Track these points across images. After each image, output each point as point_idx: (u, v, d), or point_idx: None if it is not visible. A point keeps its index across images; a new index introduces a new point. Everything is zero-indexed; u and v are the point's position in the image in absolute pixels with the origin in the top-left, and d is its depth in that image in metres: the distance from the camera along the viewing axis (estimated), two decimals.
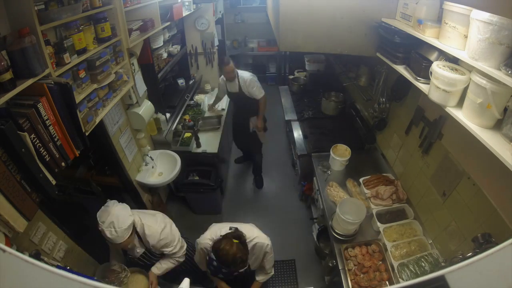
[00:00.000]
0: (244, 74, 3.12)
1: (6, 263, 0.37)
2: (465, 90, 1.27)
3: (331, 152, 2.65)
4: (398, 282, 1.75)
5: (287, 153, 4.22)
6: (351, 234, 2.02)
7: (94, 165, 2.61)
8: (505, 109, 1.13)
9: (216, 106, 3.75)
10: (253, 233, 1.70)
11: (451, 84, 1.29)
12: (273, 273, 1.92)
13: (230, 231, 1.60)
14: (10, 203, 1.19)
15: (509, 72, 0.99)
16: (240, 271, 1.49)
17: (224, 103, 3.83)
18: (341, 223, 1.96)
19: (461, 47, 1.29)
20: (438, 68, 1.34)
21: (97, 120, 1.77)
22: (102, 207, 1.64)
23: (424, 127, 2.02)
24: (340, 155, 2.63)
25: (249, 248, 1.59)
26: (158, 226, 1.75)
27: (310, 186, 3.17)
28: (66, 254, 1.77)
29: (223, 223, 1.76)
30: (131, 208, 1.71)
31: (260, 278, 1.87)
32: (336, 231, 2.04)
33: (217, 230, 1.67)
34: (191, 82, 4.09)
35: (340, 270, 1.90)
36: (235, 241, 1.46)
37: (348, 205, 2.01)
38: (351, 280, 1.83)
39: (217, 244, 1.47)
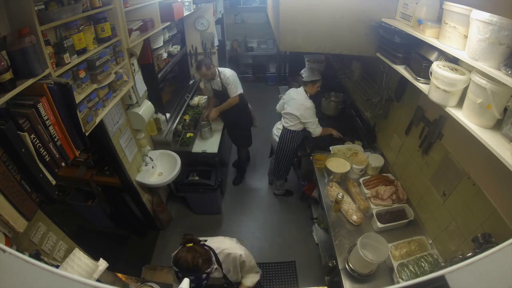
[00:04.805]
0: (226, 71, 3.14)
1: (6, 263, 0.37)
2: (465, 90, 1.27)
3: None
4: (398, 282, 1.75)
5: None
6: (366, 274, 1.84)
7: (94, 165, 2.61)
8: (505, 109, 1.13)
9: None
10: (223, 244, 1.65)
11: (451, 84, 1.29)
12: (260, 272, 1.84)
13: (190, 235, 1.51)
14: (10, 203, 1.19)
15: (509, 72, 0.99)
16: (207, 271, 1.42)
17: None
18: (359, 258, 1.76)
19: (461, 47, 1.29)
20: (438, 68, 1.34)
21: (97, 120, 1.77)
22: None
23: (424, 127, 2.02)
24: (358, 162, 2.58)
25: (221, 260, 1.57)
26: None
27: (310, 186, 3.17)
28: (66, 254, 1.77)
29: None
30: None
31: (247, 280, 1.78)
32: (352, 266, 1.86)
33: None
34: (191, 82, 4.10)
35: (340, 270, 1.90)
36: (189, 245, 1.42)
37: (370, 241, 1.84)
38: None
39: (175, 255, 1.43)
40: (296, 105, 2.86)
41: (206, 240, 1.60)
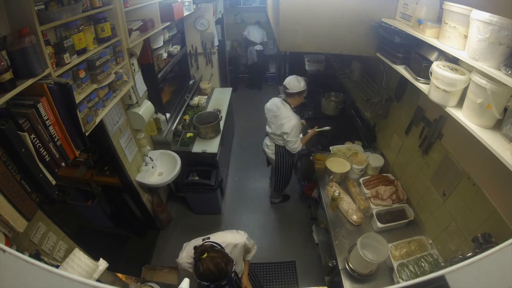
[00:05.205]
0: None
1: (6, 263, 0.37)
2: (465, 90, 1.27)
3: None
4: (398, 282, 1.75)
5: None
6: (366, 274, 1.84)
7: (94, 165, 2.61)
8: (505, 109, 1.13)
9: None
10: (226, 238, 1.66)
11: (451, 84, 1.29)
12: (255, 242, 1.90)
13: (200, 246, 1.51)
14: (10, 203, 1.19)
15: (509, 72, 0.99)
16: (233, 270, 1.44)
17: (225, 105, 3.83)
18: (359, 258, 1.77)
19: (461, 47, 1.29)
20: (438, 68, 1.34)
21: (97, 120, 1.77)
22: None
23: (424, 127, 2.02)
24: (358, 162, 2.57)
25: (228, 253, 1.55)
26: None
27: (310, 186, 3.17)
28: (66, 254, 1.77)
29: (195, 239, 1.69)
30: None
31: (249, 255, 1.85)
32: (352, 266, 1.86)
33: (192, 247, 1.57)
34: (191, 82, 4.10)
35: (340, 270, 1.90)
36: (204, 256, 1.39)
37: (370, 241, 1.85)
38: None
39: (197, 272, 1.40)
40: (279, 123, 2.68)
41: (209, 238, 1.61)
